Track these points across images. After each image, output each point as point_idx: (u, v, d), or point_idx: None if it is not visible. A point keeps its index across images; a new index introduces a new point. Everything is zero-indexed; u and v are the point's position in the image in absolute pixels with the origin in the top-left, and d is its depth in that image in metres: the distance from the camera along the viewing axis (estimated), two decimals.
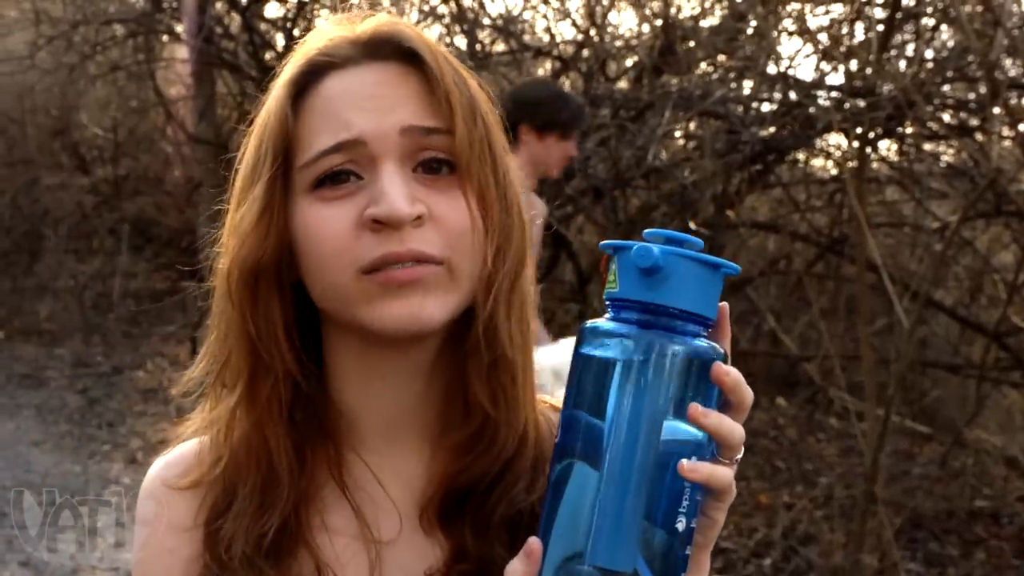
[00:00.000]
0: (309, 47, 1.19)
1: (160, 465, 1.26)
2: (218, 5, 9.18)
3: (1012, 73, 5.98)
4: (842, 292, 7.48)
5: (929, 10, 6.38)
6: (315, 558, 1.17)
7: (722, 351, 1.05)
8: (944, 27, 6.45)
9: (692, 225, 6.38)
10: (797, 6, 6.83)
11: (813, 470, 7.02)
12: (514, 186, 1.19)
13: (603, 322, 1.04)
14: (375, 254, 1.09)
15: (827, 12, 6.88)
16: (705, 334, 1.04)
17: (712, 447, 1.03)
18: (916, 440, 7.48)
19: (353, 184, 1.13)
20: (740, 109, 6.51)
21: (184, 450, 1.26)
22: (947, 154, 6.82)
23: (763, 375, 8.04)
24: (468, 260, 1.13)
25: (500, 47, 7.51)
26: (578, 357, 1.05)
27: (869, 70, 6.13)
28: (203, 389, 1.24)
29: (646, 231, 1.05)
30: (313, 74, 1.16)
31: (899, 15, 6.28)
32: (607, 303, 1.06)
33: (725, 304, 1.06)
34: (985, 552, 6.24)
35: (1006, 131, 6.02)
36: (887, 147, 6.91)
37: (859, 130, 6.00)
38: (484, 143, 1.16)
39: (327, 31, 1.20)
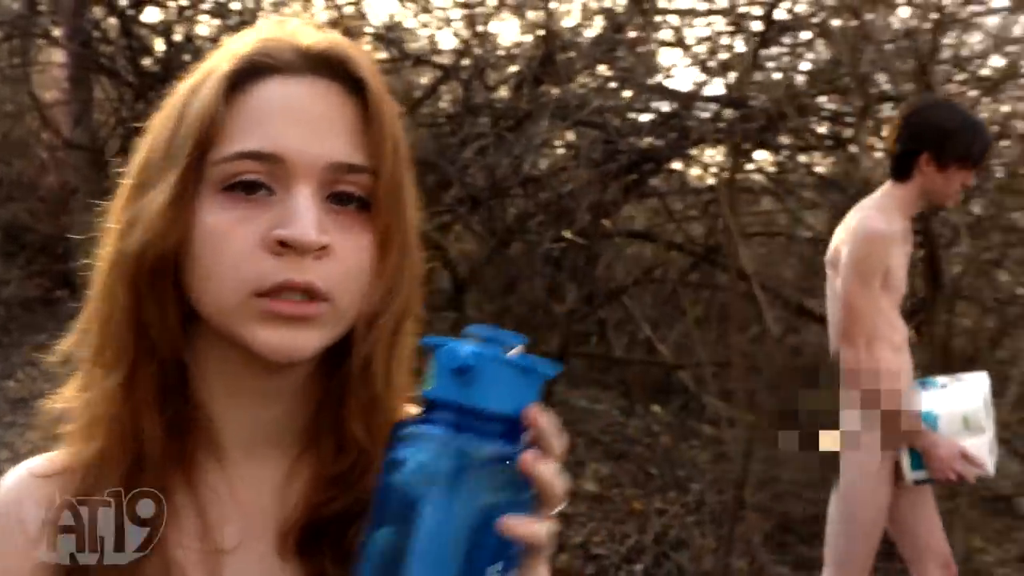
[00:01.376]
0: (246, 43, 1.16)
1: (25, 465, 1.23)
2: (96, 9, 9.05)
3: (883, 87, 6.11)
4: (717, 301, 7.58)
5: (804, 24, 6.50)
6: (163, 559, 1.15)
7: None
8: (819, 41, 6.58)
9: (568, 234, 6.43)
10: (676, 19, 6.93)
11: (686, 476, 7.09)
12: (414, 230, 1.18)
13: (414, 423, 1.03)
14: (274, 280, 1.08)
15: (707, 24, 6.99)
16: (519, 435, 1.02)
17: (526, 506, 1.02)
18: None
19: (263, 196, 1.10)
20: (617, 119, 6.56)
21: (50, 455, 1.23)
22: (822, 165, 6.94)
23: (639, 383, 8.12)
24: (356, 298, 1.13)
25: (381, 55, 7.49)
26: (390, 460, 1.03)
27: (745, 82, 6.25)
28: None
29: (469, 327, 1.04)
30: (253, 73, 1.14)
31: (774, 28, 6.41)
32: (422, 402, 1.04)
33: (538, 406, 1.04)
34: None
35: (876, 143, 6.14)
36: (763, 158, 7.03)
37: (733, 141, 6.10)
38: (399, 185, 1.15)
39: (267, 32, 1.18)
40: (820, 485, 7.05)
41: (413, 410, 1.15)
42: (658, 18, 6.93)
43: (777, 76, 6.38)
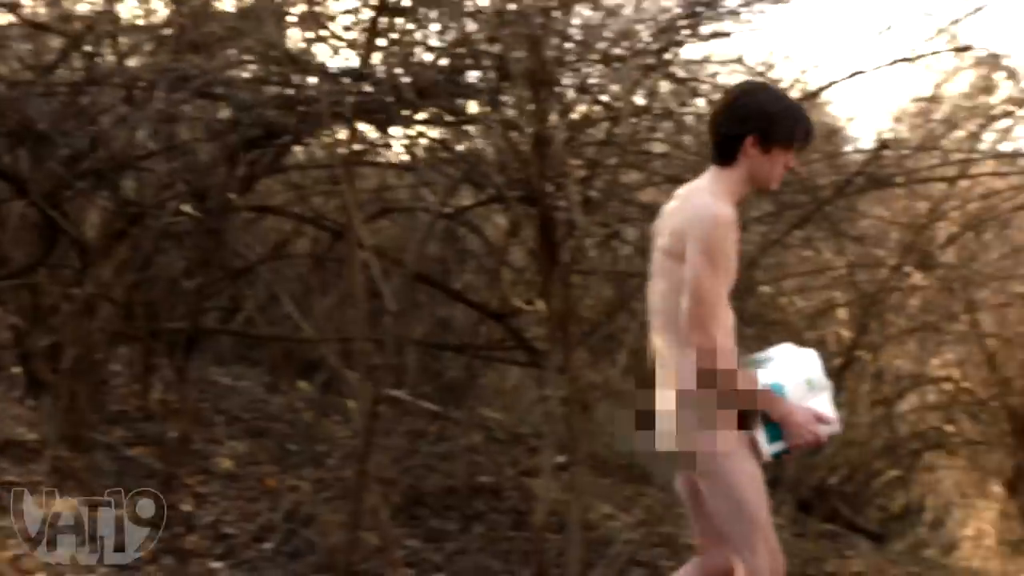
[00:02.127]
0: None
1: None
2: None
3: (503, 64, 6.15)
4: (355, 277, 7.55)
5: None
6: None
7: None
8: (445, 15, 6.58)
9: (189, 210, 6.31)
10: None
11: (324, 452, 7.09)
12: None
13: None
14: None
15: None
16: None
17: None
18: (439, 421, 7.70)
19: None
20: (245, 93, 6.43)
21: None
22: (449, 140, 6.93)
23: (284, 359, 8.08)
24: None
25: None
26: None
27: (376, 56, 6.23)
28: None
29: None
30: None
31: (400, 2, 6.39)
32: None
33: None
34: (484, 525, 6.47)
35: (496, 118, 6.20)
36: (395, 133, 7.00)
37: (358, 116, 6.08)
38: None
39: None
40: (453, 458, 7.20)
41: None
42: None
43: (400, 49, 6.35)
